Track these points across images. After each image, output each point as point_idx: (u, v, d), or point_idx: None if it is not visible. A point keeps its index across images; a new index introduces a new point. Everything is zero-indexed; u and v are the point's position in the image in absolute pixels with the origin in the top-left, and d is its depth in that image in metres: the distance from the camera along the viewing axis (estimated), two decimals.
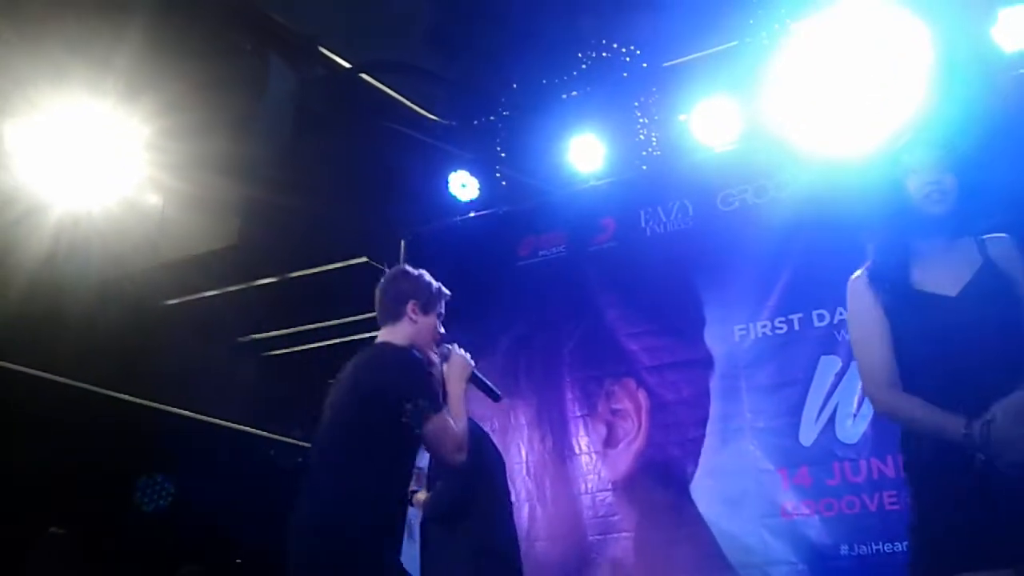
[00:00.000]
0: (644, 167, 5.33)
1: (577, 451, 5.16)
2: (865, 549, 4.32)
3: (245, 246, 5.69)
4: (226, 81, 4.37)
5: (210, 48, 4.47)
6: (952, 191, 2.33)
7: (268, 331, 7.33)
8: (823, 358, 4.67)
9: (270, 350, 7.67)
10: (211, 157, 4.64)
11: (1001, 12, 4.39)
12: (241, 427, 7.96)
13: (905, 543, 4.14)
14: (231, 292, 6.52)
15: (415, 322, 2.91)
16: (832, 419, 4.60)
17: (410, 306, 2.91)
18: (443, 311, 3.01)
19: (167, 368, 6.88)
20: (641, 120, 5.28)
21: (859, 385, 4.53)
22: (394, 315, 2.93)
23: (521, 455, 5.30)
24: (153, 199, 5.35)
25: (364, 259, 6.00)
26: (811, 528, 4.49)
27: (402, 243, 5.79)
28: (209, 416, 7.68)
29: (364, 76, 5.08)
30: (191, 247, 5.83)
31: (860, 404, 4.51)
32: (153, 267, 5.98)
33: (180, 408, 7.40)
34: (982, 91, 4.25)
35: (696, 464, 4.87)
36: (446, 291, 3.04)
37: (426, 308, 2.94)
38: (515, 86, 5.20)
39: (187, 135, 4.61)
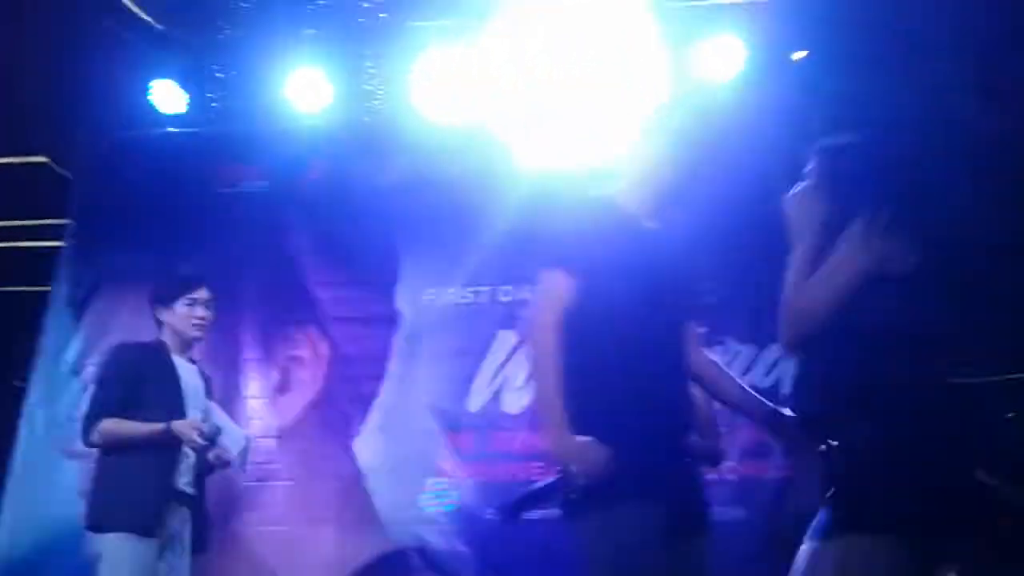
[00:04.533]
0: (366, 118, 5.24)
1: (245, 394, 4.98)
2: None
3: None
4: None
5: None
6: None
7: None
8: (501, 332, 4.85)
9: None
10: None
11: (698, 43, 4.71)
12: None
13: (544, 511, 4.50)
14: None
15: None
16: (499, 391, 4.80)
17: None
18: None
19: None
20: (370, 71, 5.18)
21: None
22: None
23: None
24: None
25: (44, 158, 5.44)
26: (464, 491, 4.65)
27: (92, 148, 5.29)
28: None
29: None
30: None
31: (527, 379, 4.72)
32: None
33: None
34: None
35: (364, 419, 4.88)
36: None
37: None
38: (244, 4, 4.89)
39: None
